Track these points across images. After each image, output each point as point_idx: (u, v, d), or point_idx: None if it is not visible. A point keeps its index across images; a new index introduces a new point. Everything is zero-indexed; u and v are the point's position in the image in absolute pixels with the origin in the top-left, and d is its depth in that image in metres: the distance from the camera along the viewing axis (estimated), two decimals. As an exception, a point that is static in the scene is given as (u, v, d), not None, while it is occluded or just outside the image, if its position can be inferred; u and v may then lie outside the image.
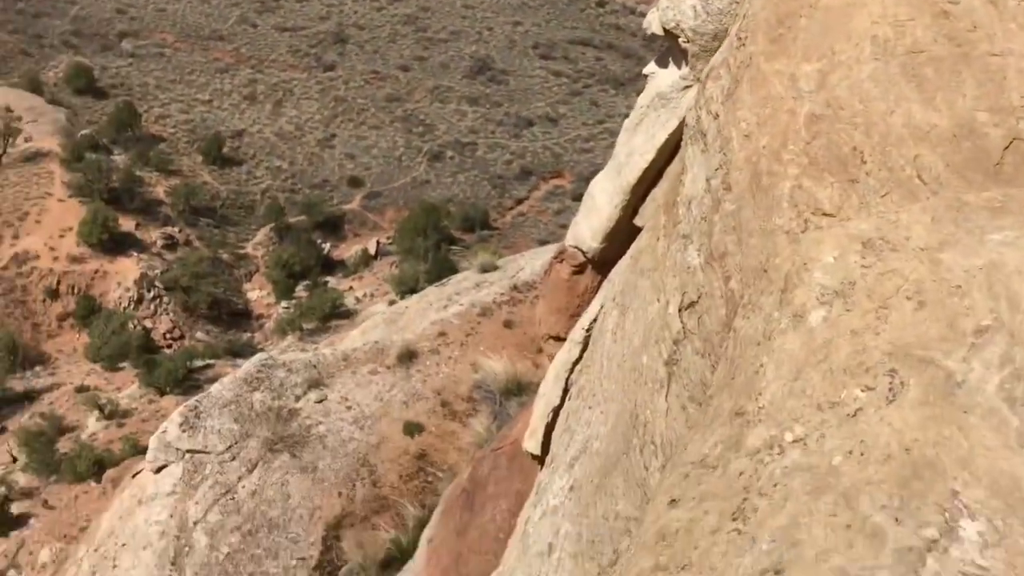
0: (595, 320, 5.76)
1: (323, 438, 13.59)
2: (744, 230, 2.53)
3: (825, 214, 2.30)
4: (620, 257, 7.28)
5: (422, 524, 10.97)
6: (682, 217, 3.17)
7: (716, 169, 2.86)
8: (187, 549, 11.83)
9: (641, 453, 2.85)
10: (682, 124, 6.69)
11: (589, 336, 5.61)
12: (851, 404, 1.56)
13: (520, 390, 13.84)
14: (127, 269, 48.12)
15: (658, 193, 7.50)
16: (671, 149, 7.46)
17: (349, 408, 14.41)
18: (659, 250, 3.41)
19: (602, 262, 8.51)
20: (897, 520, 1.31)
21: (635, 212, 8.13)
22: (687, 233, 3.07)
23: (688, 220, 3.08)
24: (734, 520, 1.41)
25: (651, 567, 1.39)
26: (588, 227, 8.40)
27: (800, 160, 2.48)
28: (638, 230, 7.46)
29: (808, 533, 1.32)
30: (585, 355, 5.40)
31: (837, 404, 1.58)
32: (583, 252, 8.47)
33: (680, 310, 2.87)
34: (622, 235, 8.00)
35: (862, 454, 1.44)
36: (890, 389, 1.56)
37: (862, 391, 1.58)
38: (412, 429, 14.04)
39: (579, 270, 8.72)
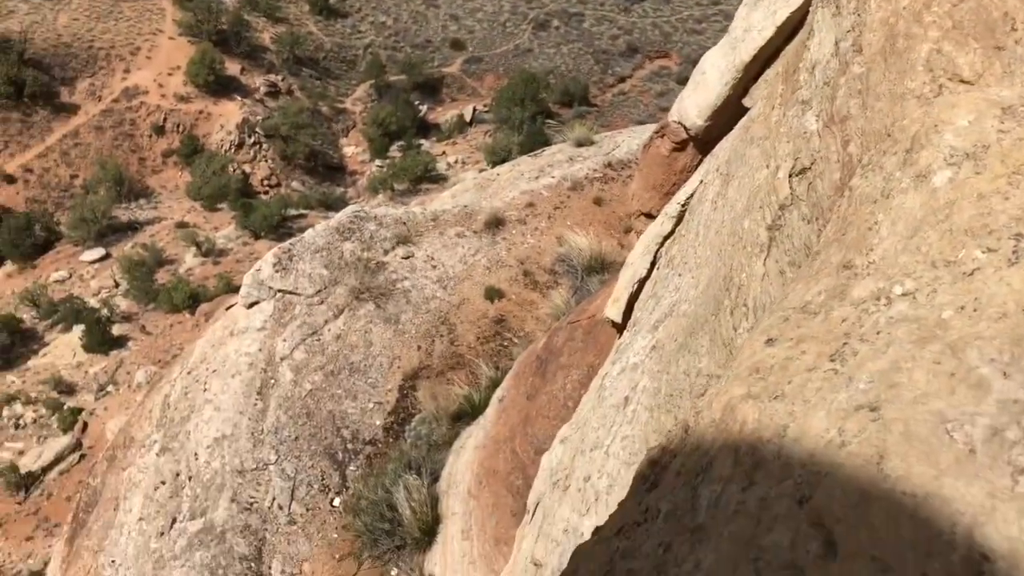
0: (691, 196, 5.65)
1: (407, 293, 13.93)
2: (871, 94, 2.41)
3: (963, 80, 2.16)
4: (722, 137, 7.06)
5: (494, 384, 11.26)
6: (803, 83, 3.03)
7: (847, 31, 2.71)
8: (272, 382, 12.45)
9: (731, 315, 2.84)
10: (806, 1, 6.31)
11: (684, 211, 5.52)
12: (969, 263, 1.51)
13: (603, 267, 13.84)
14: (230, 112, 49.11)
15: (771, 73, 7.18)
16: (791, 29, 7.09)
17: (434, 267, 14.67)
18: (773, 119, 3.29)
19: (704, 141, 8.27)
20: (1005, 374, 1.27)
21: (745, 92, 7.81)
22: (807, 99, 2.94)
23: (810, 85, 2.95)
24: (832, 361, 1.40)
25: (742, 395, 1.40)
26: (694, 103, 8.13)
27: (943, 23, 2.32)
28: (744, 111, 7.20)
29: (908, 377, 1.30)
30: (679, 227, 5.33)
31: (953, 263, 1.52)
32: (686, 128, 8.24)
33: (790, 175, 2.79)
34: (728, 114, 7.73)
35: (975, 310, 1.39)
36: (1014, 252, 1.49)
37: (982, 252, 1.52)
38: (493, 294, 14.26)
39: (680, 147, 8.51)
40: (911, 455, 1.19)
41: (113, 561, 11.60)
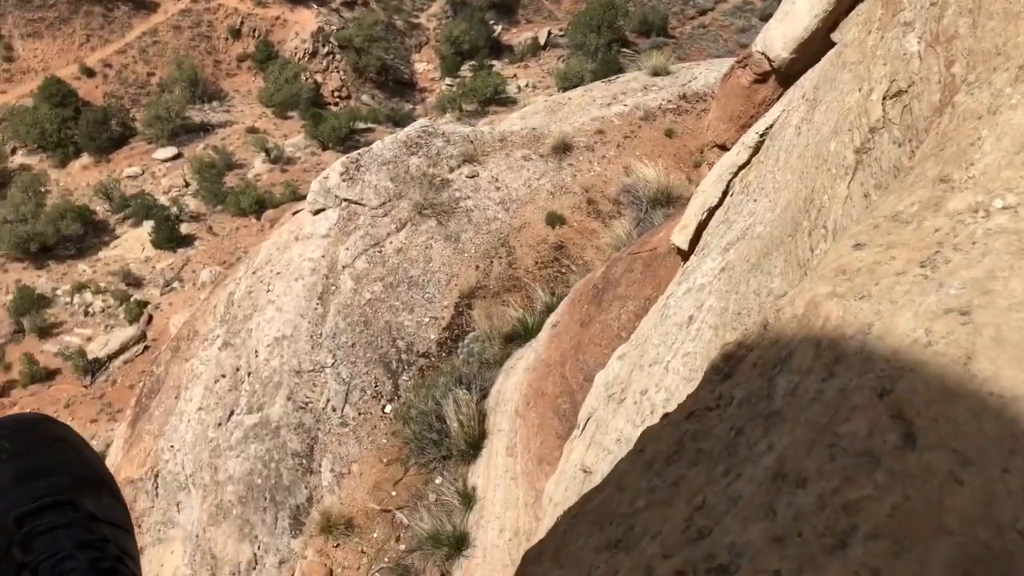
0: (771, 126, 5.51)
1: (469, 212, 13.95)
2: (983, 12, 2.30)
3: (1086, 0, 2.05)
4: (805, 72, 6.85)
5: (549, 309, 11.29)
6: (906, 5, 2.91)
7: (962, -51, 2.58)
8: (333, 288, 12.67)
9: (809, 236, 2.79)
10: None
11: (762, 141, 5.39)
12: (1079, 182, 1.45)
13: (668, 201, 13.62)
14: (306, 20, 49.02)
15: (865, 6, 6.89)
16: (891, -40, 6.77)
17: (498, 188, 14.64)
18: (869, 43, 3.17)
19: (787, 75, 8.01)
20: (1108, 289, 1.23)
21: (834, 26, 7.53)
22: (909, 20, 2.83)
23: (914, 7, 2.83)
24: (922, 267, 1.37)
25: (827, 293, 1.38)
26: (780, 34, 7.87)
27: (1070, -60, 2.19)
28: (831, 46, 6.94)
29: (1004, 286, 1.27)
30: (757, 155, 5.21)
31: (1061, 181, 1.46)
32: (769, 60, 7.99)
33: (884, 98, 2.70)
34: (814, 48, 7.47)
35: (1081, 227, 1.34)
36: None
37: (1095, 171, 1.46)
38: (554, 220, 14.19)
39: (761, 79, 8.26)
40: (1001, 358, 1.16)
41: (172, 446, 12.11)
